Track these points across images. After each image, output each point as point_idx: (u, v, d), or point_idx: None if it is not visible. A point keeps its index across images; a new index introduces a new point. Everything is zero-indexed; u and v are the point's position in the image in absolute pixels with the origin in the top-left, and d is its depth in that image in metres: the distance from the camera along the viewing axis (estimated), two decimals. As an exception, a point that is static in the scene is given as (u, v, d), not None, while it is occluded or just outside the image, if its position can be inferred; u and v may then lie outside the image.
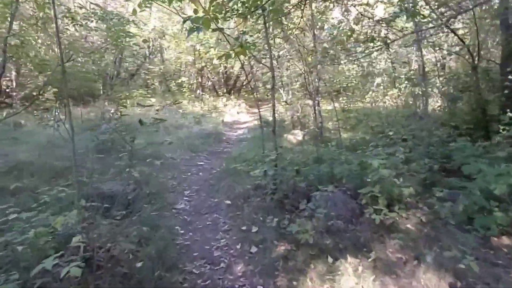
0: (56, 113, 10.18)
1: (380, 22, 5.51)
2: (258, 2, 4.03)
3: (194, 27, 3.09)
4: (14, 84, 12.63)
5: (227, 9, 4.54)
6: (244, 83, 23.43)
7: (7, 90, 13.01)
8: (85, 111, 12.92)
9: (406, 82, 9.64)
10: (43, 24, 6.83)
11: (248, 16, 4.54)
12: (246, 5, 4.23)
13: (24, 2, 7.75)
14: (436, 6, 5.50)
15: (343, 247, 3.59)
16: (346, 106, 12.62)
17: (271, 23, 6.25)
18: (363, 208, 4.21)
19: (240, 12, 4.59)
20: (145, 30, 15.28)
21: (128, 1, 11.34)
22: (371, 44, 5.77)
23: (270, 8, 4.39)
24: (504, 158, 4.74)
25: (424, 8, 5.69)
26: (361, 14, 6.29)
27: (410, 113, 9.47)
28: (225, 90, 20.97)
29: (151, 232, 3.87)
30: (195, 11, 3.42)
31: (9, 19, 6.67)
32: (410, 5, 4.53)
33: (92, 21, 7.91)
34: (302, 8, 6.10)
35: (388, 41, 5.36)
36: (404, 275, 3.21)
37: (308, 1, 6.36)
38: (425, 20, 6.06)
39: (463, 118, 7.80)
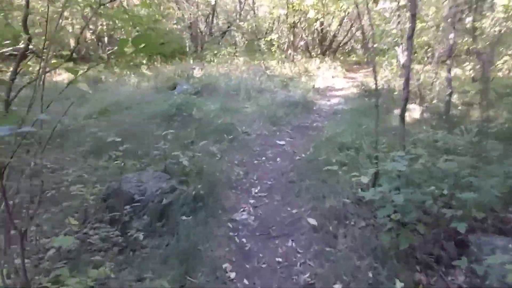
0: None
1: None
2: None
3: None
4: (106, 39, 12.17)
5: None
6: (342, 43, 20.44)
7: (100, 44, 12.65)
8: (171, 69, 11.98)
9: None
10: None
11: None
12: None
13: None
14: None
15: None
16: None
17: None
18: None
19: None
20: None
21: None
22: None
23: None
24: None
25: None
26: None
27: None
28: (319, 51, 18.40)
29: (177, 278, 2.25)
30: None
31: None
32: None
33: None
34: None
35: None
36: None
37: None
38: None
39: None
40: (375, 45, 10.55)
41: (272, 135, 5.72)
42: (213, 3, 16.24)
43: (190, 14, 15.41)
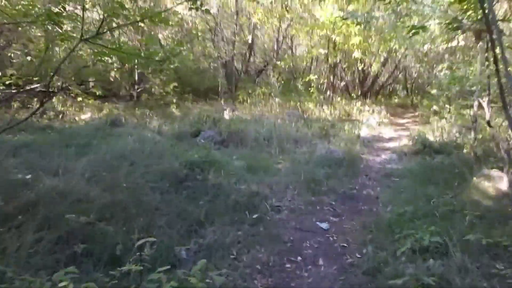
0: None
1: None
2: None
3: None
4: (137, 77, 11.49)
5: None
6: (384, 85, 18.91)
7: (133, 84, 11.93)
8: (201, 110, 11.02)
9: None
10: None
11: None
12: None
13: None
14: None
15: None
16: None
17: None
18: None
19: None
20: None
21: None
22: None
23: None
24: None
25: None
26: None
27: None
28: (359, 93, 16.97)
29: None
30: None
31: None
32: None
33: None
34: None
35: None
36: None
37: None
38: None
39: None
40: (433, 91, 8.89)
41: (311, 211, 4.21)
42: (250, 41, 15.51)
43: (225, 52, 14.71)
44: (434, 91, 8.52)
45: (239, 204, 3.90)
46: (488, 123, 4.63)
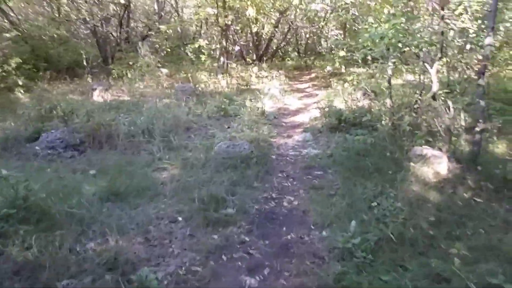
0: None
1: None
2: None
3: None
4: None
5: None
6: (279, 47, 17.76)
7: None
8: (65, 89, 8.07)
9: None
10: None
11: None
12: None
13: None
14: None
15: None
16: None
17: None
18: None
19: None
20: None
21: None
22: None
23: None
24: None
25: None
26: None
27: None
28: (254, 57, 15.51)
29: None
30: None
31: None
32: None
33: None
34: None
35: None
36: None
37: None
38: None
39: None
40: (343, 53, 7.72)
41: (214, 270, 2.43)
42: (122, 1, 12.27)
43: (91, 14, 11.29)
44: (342, 53, 7.36)
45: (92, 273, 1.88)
46: (434, 96, 3.40)
